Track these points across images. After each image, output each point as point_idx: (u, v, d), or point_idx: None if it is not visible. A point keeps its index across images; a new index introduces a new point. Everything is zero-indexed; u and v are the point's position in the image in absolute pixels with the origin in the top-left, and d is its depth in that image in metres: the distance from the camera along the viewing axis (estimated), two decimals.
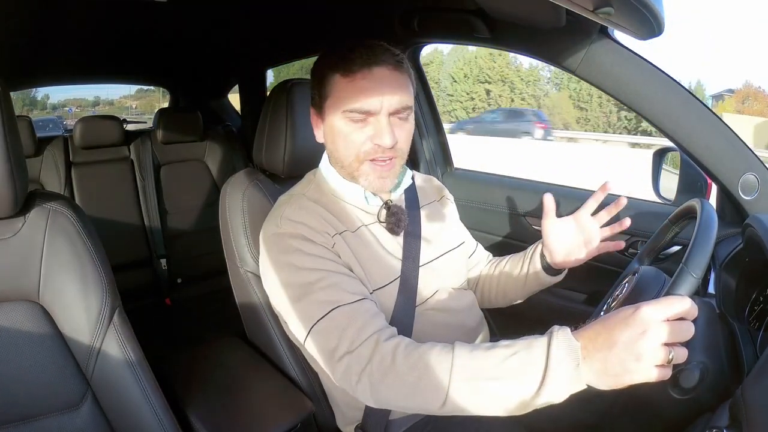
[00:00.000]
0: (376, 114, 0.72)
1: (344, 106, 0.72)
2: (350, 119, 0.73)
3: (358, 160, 0.75)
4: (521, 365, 0.55)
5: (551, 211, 0.82)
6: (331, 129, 0.76)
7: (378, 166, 0.75)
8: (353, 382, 0.64)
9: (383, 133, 0.72)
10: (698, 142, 0.88)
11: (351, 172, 0.77)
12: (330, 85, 0.74)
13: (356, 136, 0.74)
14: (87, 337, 0.68)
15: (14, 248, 0.66)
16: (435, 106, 1.53)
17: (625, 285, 0.71)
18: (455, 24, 1.11)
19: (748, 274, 0.80)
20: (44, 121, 7.96)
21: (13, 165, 0.61)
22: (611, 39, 0.89)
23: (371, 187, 0.78)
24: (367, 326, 0.65)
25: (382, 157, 0.75)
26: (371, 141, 0.73)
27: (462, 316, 0.86)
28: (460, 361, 0.58)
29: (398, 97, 0.73)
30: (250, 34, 1.67)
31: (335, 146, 0.77)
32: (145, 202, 2.00)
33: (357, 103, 0.71)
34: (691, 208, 0.74)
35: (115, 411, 0.70)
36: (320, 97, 0.76)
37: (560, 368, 0.52)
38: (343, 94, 0.72)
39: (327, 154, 0.84)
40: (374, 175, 0.76)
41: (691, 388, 0.62)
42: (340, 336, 0.65)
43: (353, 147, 0.74)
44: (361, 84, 0.71)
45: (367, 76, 0.71)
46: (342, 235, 0.76)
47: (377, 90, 0.71)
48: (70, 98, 14.53)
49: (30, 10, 1.16)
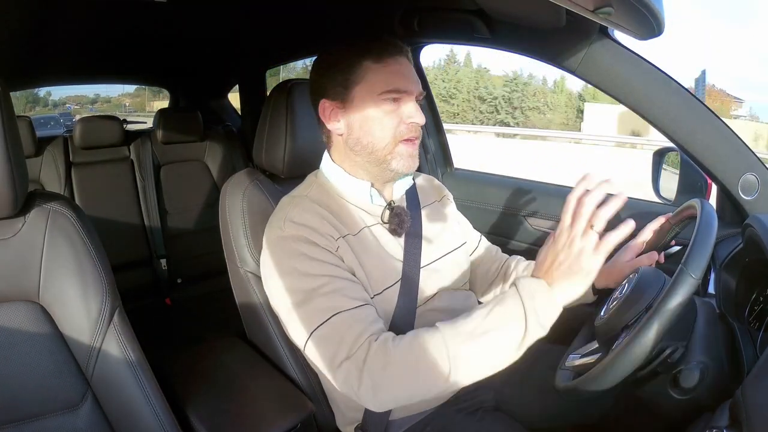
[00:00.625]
0: (410, 94, 0.77)
1: (381, 89, 0.75)
2: (386, 101, 0.76)
3: (395, 141, 0.77)
4: (503, 314, 0.62)
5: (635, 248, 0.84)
6: (363, 115, 0.77)
7: (410, 144, 0.79)
8: (355, 387, 0.65)
9: (417, 113, 0.77)
10: (698, 142, 0.88)
11: (384, 156, 0.78)
12: (360, 72, 0.76)
13: (392, 118, 0.77)
14: (87, 337, 0.68)
15: (14, 248, 0.66)
16: (435, 106, 1.53)
17: (625, 285, 0.71)
18: (455, 24, 1.11)
19: (748, 274, 0.80)
20: (45, 119, 7.95)
21: (13, 165, 0.61)
22: (611, 39, 0.89)
23: (405, 167, 0.79)
24: (365, 332, 0.66)
25: (414, 136, 0.78)
26: (404, 122, 0.77)
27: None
28: (448, 332, 0.63)
29: (419, 83, 0.79)
30: (250, 35, 1.67)
31: (368, 130, 0.77)
32: (145, 202, 2.00)
33: (394, 83, 0.75)
34: (690, 208, 0.74)
35: (115, 411, 0.70)
36: (346, 84, 0.77)
37: (535, 300, 0.61)
38: (378, 77, 0.76)
39: (331, 152, 0.84)
40: (407, 153, 0.78)
41: (691, 388, 0.62)
42: (339, 342, 0.66)
43: (390, 128, 0.77)
44: (394, 68, 0.76)
45: (398, 61, 0.77)
46: (345, 238, 0.76)
47: (407, 73, 0.77)
48: (71, 95, 14.61)
49: (30, 10, 1.16)
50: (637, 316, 0.65)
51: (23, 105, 12.91)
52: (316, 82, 0.81)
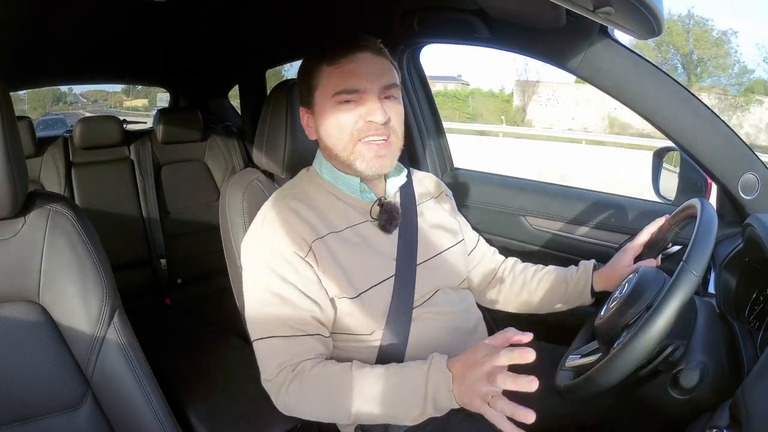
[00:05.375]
0: (365, 92, 0.74)
1: (333, 90, 0.74)
2: (341, 101, 0.74)
3: (353, 140, 0.76)
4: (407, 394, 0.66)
5: (634, 250, 0.85)
6: (323, 117, 0.77)
7: (374, 144, 0.76)
8: (273, 400, 0.74)
9: (374, 110, 0.74)
10: (698, 142, 0.88)
11: (347, 157, 0.77)
12: (318, 77, 0.77)
13: (348, 117, 0.75)
14: (87, 338, 0.68)
15: (14, 248, 0.66)
16: (435, 106, 1.52)
17: (625, 285, 0.71)
18: (455, 24, 1.10)
19: (748, 274, 0.80)
20: (53, 120, 7.96)
21: (13, 165, 0.61)
22: (611, 39, 0.89)
23: (370, 168, 0.77)
24: (288, 361, 0.71)
25: (377, 136, 0.76)
26: (363, 119, 0.75)
27: (460, 316, 0.85)
28: (356, 393, 0.67)
29: (385, 76, 0.76)
30: (250, 34, 1.67)
31: (329, 134, 0.77)
32: (145, 202, 1.99)
33: (346, 83, 0.74)
34: (690, 208, 0.74)
35: (115, 411, 0.70)
36: (309, 91, 0.78)
37: (438, 395, 0.64)
38: (331, 80, 0.75)
39: (320, 151, 0.84)
40: (371, 153, 0.76)
41: (691, 388, 0.62)
42: (266, 363, 0.73)
43: (347, 128, 0.75)
44: (348, 67, 0.74)
45: (352, 60, 0.74)
46: (323, 239, 0.76)
47: (364, 71, 0.74)
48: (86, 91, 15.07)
49: (30, 10, 1.16)
50: (638, 315, 0.65)
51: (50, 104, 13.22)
52: (298, 90, 0.83)
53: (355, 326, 0.76)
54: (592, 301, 0.89)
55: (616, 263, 0.86)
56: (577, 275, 0.90)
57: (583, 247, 1.17)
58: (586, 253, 1.12)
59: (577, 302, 0.91)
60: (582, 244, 1.17)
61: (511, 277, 0.97)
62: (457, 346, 0.82)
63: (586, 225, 1.17)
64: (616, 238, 1.11)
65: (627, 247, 0.86)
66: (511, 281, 0.97)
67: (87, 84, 3.41)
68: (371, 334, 0.77)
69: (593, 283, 0.88)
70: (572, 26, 0.88)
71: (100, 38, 1.57)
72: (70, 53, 1.70)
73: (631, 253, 0.85)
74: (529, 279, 0.95)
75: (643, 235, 0.85)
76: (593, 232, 1.16)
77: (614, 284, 0.81)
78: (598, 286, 0.88)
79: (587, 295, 0.89)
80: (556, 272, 0.93)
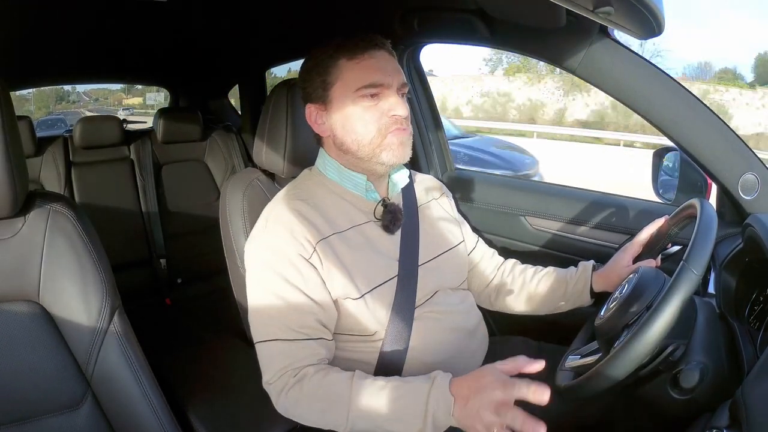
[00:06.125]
0: (387, 88, 0.75)
1: (356, 85, 0.75)
2: (364, 96, 0.75)
3: (381, 134, 0.76)
4: (407, 411, 0.64)
5: (633, 251, 0.85)
6: (344, 114, 0.77)
7: (399, 131, 0.77)
8: (273, 401, 0.74)
9: (398, 105, 0.75)
10: (698, 142, 0.88)
11: (372, 150, 0.77)
12: (335, 72, 0.76)
13: (373, 113, 0.76)
14: (87, 338, 0.68)
15: (14, 248, 0.66)
16: (435, 106, 1.52)
17: (625, 285, 0.71)
18: (455, 24, 1.11)
19: (748, 274, 0.80)
20: (53, 120, 7.96)
21: (13, 165, 0.61)
22: (611, 39, 0.89)
23: (396, 156, 0.77)
24: (290, 366, 0.71)
25: (400, 127, 0.77)
26: (386, 114, 0.76)
27: (461, 316, 0.86)
28: (355, 404, 0.66)
29: (400, 75, 0.77)
30: (250, 34, 1.67)
31: (351, 129, 0.77)
32: (145, 202, 1.99)
33: (369, 78, 0.74)
34: (690, 207, 0.74)
35: (115, 411, 0.70)
36: (324, 86, 0.78)
37: (438, 413, 0.62)
38: (353, 75, 0.75)
39: (325, 149, 0.84)
40: (397, 141, 0.77)
41: (691, 388, 0.62)
42: (268, 365, 0.73)
43: (372, 123, 0.76)
44: (368, 62, 0.75)
45: (373, 56, 0.76)
46: (327, 239, 0.75)
47: (383, 67, 0.76)
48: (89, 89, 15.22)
49: (30, 10, 1.16)
50: (638, 315, 0.65)
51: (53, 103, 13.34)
52: (301, 87, 0.82)
53: (358, 327, 0.76)
54: (591, 302, 0.89)
55: (615, 263, 0.86)
56: (577, 276, 0.90)
57: (583, 247, 1.17)
58: (586, 253, 1.12)
59: (577, 303, 0.91)
60: (582, 244, 1.17)
61: (510, 278, 0.97)
62: (457, 346, 0.82)
63: (585, 225, 1.17)
64: (616, 238, 1.11)
65: (626, 247, 0.86)
66: (510, 282, 0.97)
67: (87, 83, 3.42)
68: (373, 334, 0.77)
69: (593, 284, 0.88)
70: (572, 26, 0.88)
71: (100, 38, 1.57)
72: (70, 53, 1.70)
73: (630, 253, 0.85)
74: (529, 280, 0.95)
75: (643, 235, 0.85)
76: (593, 232, 1.16)
77: (614, 284, 0.81)
78: (597, 287, 0.88)
79: (587, 296, 0.89)
80: (556, 273, 0.93)
